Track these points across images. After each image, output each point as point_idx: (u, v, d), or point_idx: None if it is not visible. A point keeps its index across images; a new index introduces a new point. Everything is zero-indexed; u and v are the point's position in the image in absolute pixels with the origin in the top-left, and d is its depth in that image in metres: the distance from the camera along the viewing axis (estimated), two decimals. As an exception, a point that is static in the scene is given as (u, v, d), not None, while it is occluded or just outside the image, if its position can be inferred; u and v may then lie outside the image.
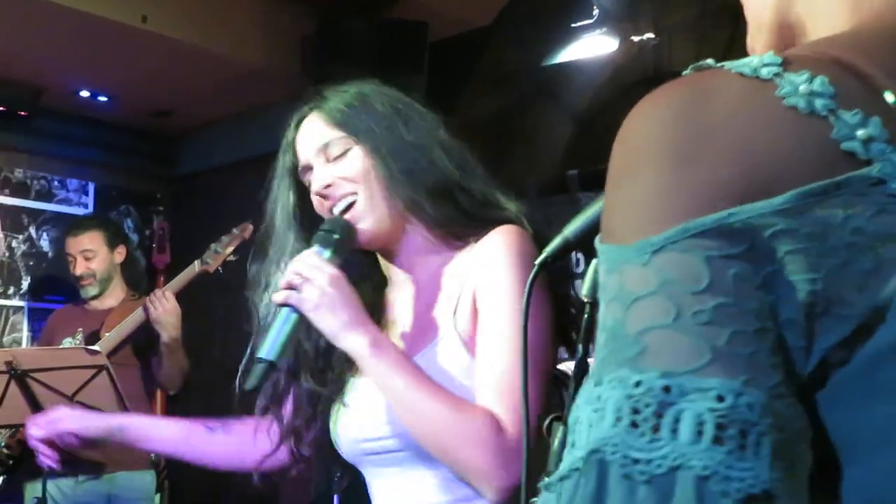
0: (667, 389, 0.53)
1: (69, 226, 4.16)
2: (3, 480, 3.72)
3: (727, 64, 0.62)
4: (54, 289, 4.99)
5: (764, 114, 0.59)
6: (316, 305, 1.29)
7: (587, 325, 1.03)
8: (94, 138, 5.36)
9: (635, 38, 4.04)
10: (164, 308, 3.61)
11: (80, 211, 5.21)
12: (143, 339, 3.73)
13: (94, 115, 5.27)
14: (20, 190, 5.07)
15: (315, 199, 1.44)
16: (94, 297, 3.92)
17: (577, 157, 4.10)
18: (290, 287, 1.31)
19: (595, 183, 3.05)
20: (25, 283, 5.03)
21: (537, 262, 1.06)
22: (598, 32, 4.00)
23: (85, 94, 5.00)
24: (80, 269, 3.89)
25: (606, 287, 0.59)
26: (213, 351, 5.04)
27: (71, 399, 3.19)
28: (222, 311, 4.85)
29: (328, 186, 1.41)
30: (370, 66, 4.35)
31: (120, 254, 3.99)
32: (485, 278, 1.34)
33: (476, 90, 4.76)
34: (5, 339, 4.90)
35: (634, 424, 0.53)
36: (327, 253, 1.36)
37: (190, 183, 5.67)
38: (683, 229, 0.56)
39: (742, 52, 0.69)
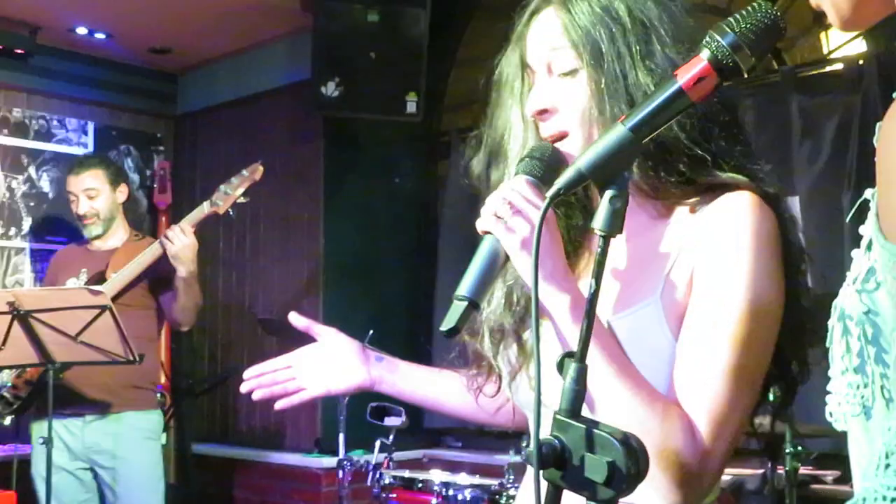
0: None
1: (70, 164, 4.10)
2: (11, 420, 3.74)
3: None
4: (56, 229, 4.97)
5: None
6: (524, 244, 1.11)
7: (600, 259, 1.00)
8: (93, 77, 5.28)
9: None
10: (183, 243, 3.58)
11: (79, 151, 5.14)
12: (154, 278, 3.72)
13: (92, 52, 5.20)
14: (19, 130, 5.01)
15: (527, 111, 1.30)
16: (98, 237, 3.89)
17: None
18: (497, 216, 1.14)
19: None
20: (27, 224, 5.00)
21: (549, 194, 1.02)
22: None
23: (82, 31, 4.92)
24: (83, 208, 3.85)
25: None
26: (216, 289, 5.03)
27: (74, 339, 3.19)
28: (224, 249, 4.83)
29: (545, 112, 1.26)
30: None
31: (122, 193, 3.95)
32: (711, 255, 1.17)
33: (480, 24, 4.68)
34: (8, 279, 4.89)
35: None
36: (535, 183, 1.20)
37: (191, 122, 5.61)
38: None
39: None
